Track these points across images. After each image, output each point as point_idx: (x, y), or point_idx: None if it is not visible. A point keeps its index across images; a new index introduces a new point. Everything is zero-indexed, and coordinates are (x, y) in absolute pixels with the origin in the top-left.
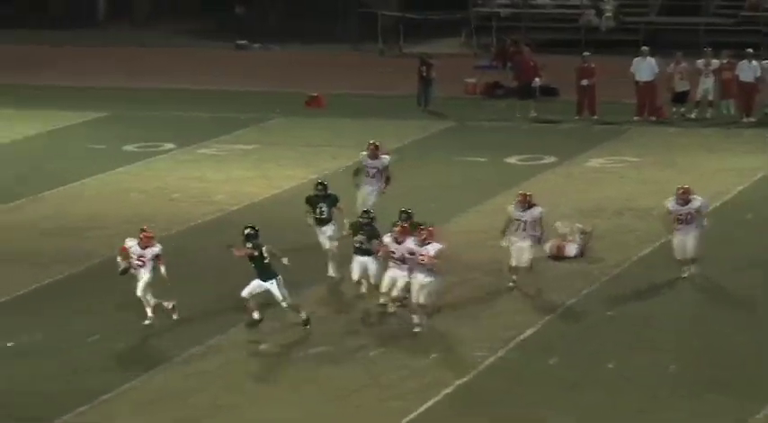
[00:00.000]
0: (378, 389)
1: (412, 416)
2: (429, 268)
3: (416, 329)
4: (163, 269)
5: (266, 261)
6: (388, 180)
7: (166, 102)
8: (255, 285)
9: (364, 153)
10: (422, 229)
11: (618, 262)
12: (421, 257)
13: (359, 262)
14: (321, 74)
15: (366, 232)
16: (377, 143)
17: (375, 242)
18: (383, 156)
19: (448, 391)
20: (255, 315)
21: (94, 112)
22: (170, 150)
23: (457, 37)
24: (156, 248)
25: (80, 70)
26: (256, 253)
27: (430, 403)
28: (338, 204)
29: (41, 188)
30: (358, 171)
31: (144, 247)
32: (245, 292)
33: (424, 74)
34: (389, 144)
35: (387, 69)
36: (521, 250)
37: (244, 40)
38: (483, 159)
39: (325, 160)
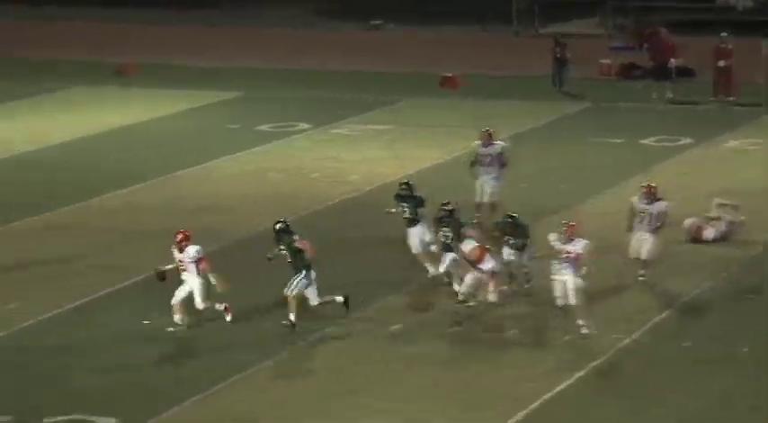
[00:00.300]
0: (511, 370)
1: (545, 397)
2: (575, 267)
3: (584, 331)
4: (211, 277)
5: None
6: (503, 166)
7: (300, 82)
8: (310, 287)
9: (477, 141)
10: (565, 226)
11: (755, 246)
12: (566, 255)
13: (446, 258)
14: (455, 54)
15: (448, 225)
16: (490, 130)
17: (465, 229)
18: (497, 142)
19: (580, 373)
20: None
21: (227, 92)
22: (305, 130)
23: (592, 17)
24: (192, 250)
25: (214, 50)
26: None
27: (562, 386)
28: (423, 207)
29: (179, 167)
30: (473, 162)
31: (180, 251)
32: (315, 302)
33: (559, 55)
34: (524, 125)
35: (523, 49)
36: (641, 242)
37: (377, 19)
38: (619, 141)
39: (457, 141)
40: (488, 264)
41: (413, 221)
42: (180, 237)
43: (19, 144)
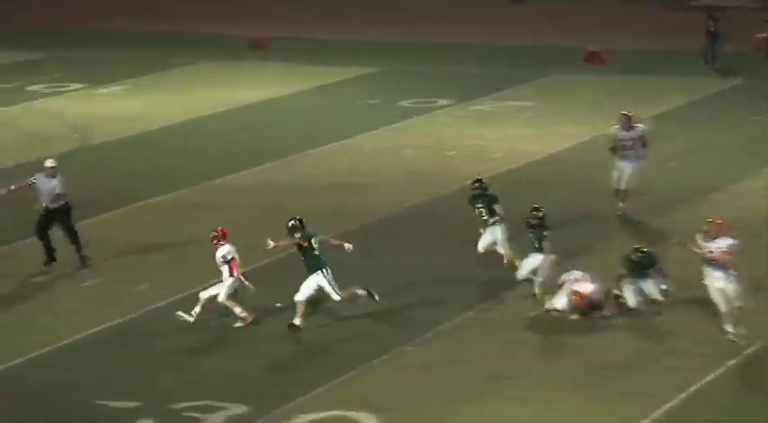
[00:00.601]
0: (660, 358)
1: (695, 387)
2: (723, 267)
3: (733, 339)
4: (236, 274)
5: (315, 252)
6: (644, 148)
7: (441, 56)
8: (311, 286)
9: (616, 126)
10: (711, 223)
11: None
12: (710, 253)
13: (529, 260)
14: (601, 28)
15: (534, 232)
16: (629, 113)
17: (546, 243)
18: (636, 125)
19: (732, 361)
20: (297, 321)
21: (367, 67)
22: (445, 106)
23: None
24: (224, 251)
25: (354, 23)
26: (305, 243)
27: (711, 376)
28: (497, 205)
29: (316, 144)
30: (614, 148)
31: (216, 250)
32: (300, 296)
33: (712, 29)
34: (673, 102)
35: (672, 24)
36: None
37: None
38: None
39: (602, 119)
40: (594, 297)
41: (487, 223)
42: (213, 234)
43: (150, 120)
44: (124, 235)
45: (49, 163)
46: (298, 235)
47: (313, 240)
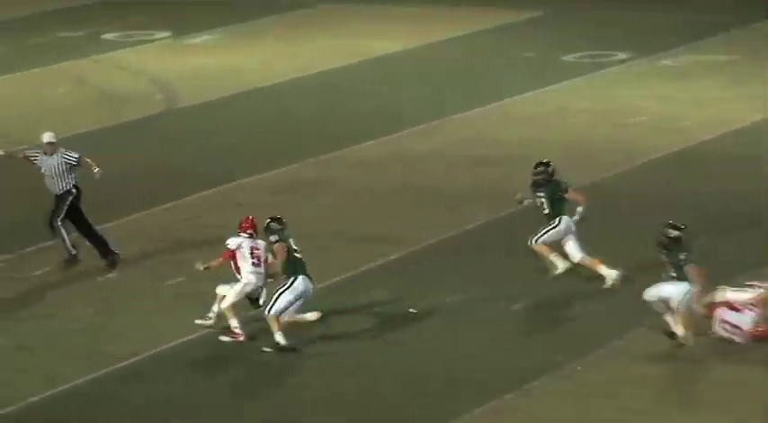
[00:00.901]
0: None
1: None
2: None
3: None
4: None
5: (298, 254)
6: None
7: None
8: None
9: None
10: None
11: None
12: None
13: (663, 287)
14: None
15: (669, 256)
16: None
17: (689, 269)
18: None
19: None
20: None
21: (524, 11)
22: (623, 61)
23: None
24: (234, 239)
25: None
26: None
27: None
28: (562, 193)
29: (456, 108)
30: None
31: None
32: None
33: None
34: None
35: None
36: None
37: None
38: None
39: None
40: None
41: (552, 218)
42: (242, 222)
43: (251, 76)
44: (215, 221)
45: (47, 137)
46: (273, 238)
47: (291, 241)
